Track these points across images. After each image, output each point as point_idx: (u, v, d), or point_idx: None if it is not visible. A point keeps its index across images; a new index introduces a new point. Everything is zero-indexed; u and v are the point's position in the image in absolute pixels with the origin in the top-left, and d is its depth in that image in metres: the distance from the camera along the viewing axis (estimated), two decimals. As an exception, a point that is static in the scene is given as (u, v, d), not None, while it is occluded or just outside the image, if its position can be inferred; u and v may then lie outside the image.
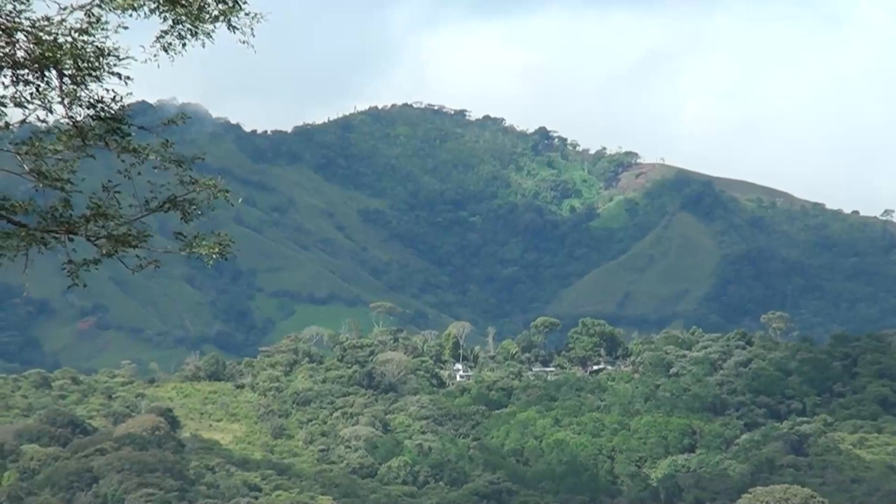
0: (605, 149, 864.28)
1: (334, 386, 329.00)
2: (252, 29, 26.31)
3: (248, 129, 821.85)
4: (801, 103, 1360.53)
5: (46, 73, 25.34)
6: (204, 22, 26.19)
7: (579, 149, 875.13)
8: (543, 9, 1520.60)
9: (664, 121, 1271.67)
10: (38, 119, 25.91)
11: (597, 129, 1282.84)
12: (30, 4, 25.02)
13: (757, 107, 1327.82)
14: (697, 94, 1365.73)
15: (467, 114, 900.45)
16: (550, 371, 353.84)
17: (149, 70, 26.54)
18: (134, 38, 26.14)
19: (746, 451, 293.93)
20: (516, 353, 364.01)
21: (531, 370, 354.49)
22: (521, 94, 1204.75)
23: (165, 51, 26.32)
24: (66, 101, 25.68)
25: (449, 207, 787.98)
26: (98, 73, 25.48)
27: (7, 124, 25.76)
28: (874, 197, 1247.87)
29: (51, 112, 25.81)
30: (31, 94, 25.55)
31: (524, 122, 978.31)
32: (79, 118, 25.96)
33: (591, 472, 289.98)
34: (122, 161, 26.42)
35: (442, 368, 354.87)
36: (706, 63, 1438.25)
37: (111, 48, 25.53)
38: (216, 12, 26.17)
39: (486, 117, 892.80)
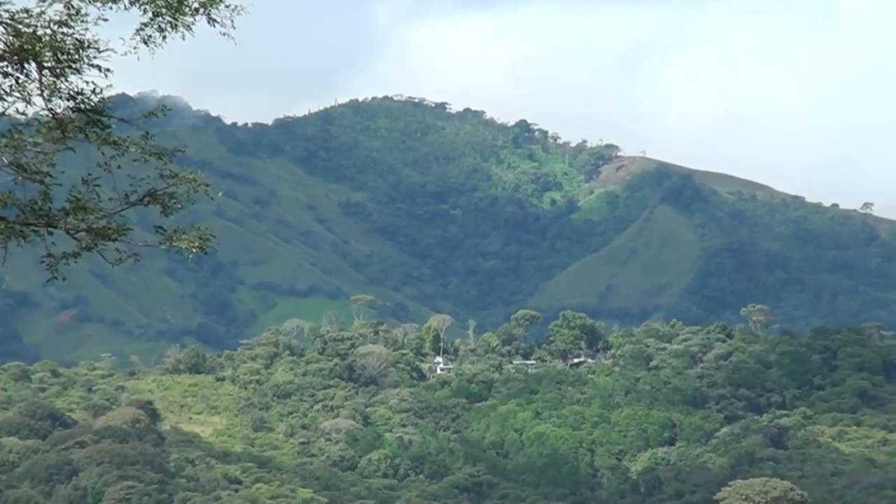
0: (585, 141, 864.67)
1: (315, 379, 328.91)
2: (232, 21, 26.28)
3: (228, 121, 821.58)
4: (783, 98, 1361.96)
5: (26, 66, 25.27)
6: (184, 14, 26.15)
7: (560, 141, 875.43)
8: (528, 1, 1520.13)
9: (647, 114, 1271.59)
10: (18, 111, 25.86)
11: (579, 123, 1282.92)
12: (9, -4, 24.98)
13: (739, 101, 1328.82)
14: (681, 88, 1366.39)
15: (448, 107, 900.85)
16: (531, 364, 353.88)
17: (129, 62, 26.48)
18: (114, 30, 26.07)
19: (726, 444, 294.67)
20: (497, 345, 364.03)
21: (512, 363, 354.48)
22: (503, 87, 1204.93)
23: (146, 43, 26.27)
24: (45, 94, 25.62)
25: (430, 200, 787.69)
26: (78, 65, 25.42)
27: (-14, 116, 25.70)
28: (853, 190, 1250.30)
29: (30, 104, 25.76)
30: (11, 86, 25.49)
31: (505, 115, 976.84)
32: (58, 110, 25.90)
33: (572, 464, 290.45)
34: (102, 154, 26.37)
35: (422, 361, 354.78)
36: (690, 57, 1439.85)
37: (91, 40, 25.49)
38: (196, 5, 26.14)
39: (467, 110, 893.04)
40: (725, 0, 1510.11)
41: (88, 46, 25.40)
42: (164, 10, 26.05)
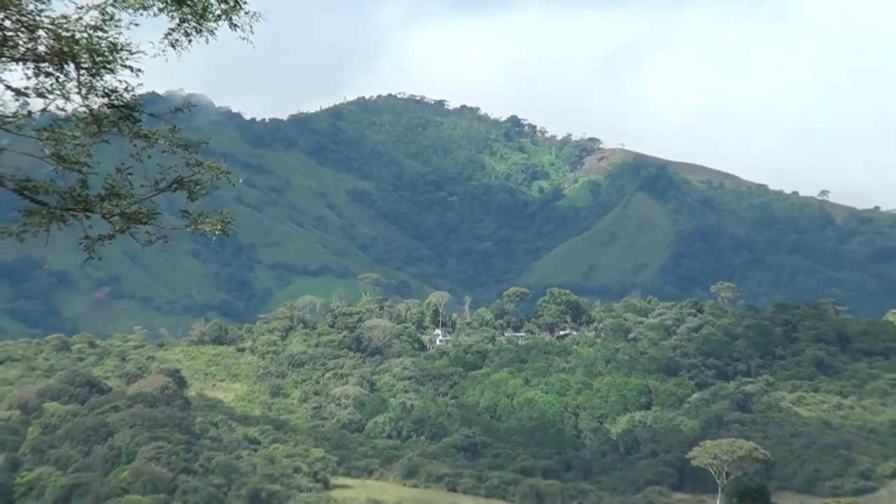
0: (570, 135, 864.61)
1: (326, 349, 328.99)
2: (251, 27, 26.33)
3: (248, 117, 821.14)
4: (749, 95, 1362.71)
5: (65, 66, 25.31)
6: (207, 20, 26.20)
7: (547, 135, 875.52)
8: (519, 6, 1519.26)
9: (627, 110, 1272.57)
10: (58, 108, 25.90)
11: (565, 118, 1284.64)
12: (49, 3, 25.00)
13: (710, 98, 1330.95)
14: (658, 87, 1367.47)
15: (446, 103, 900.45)
16: (521, 336, 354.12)
17: (158, 63, 26.51)
18: (144, 34, 26.12)
19: (697, 409, 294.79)
20: (490, 319, 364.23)
21: (504, 335, 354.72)
22: (495, 86, 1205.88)
23: (173, 46, 26.32)
24: (82, 92, 25.66)
25: (429, 188, 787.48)
26: (112, 65, 25.46)
27: (30, 112, 25.76)
28: (812, 179, 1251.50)
29: (69, 101, 25.80)
30: (52, 84, 25.54)
31: (497, 111, 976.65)
32: (94, 107, 25.95)
33: (558, 427, 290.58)
34: (134, 146, 26.45)
35: (423, 334, 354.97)
36: (666, 59, 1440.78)
37: (123, 43, 25.52)
38: (219, 11, 26.18)
39: (463, 107, 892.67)
40: (699, 7, 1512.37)
41: (121, 49, 25.44)
42: (189, 17, 26.11)
